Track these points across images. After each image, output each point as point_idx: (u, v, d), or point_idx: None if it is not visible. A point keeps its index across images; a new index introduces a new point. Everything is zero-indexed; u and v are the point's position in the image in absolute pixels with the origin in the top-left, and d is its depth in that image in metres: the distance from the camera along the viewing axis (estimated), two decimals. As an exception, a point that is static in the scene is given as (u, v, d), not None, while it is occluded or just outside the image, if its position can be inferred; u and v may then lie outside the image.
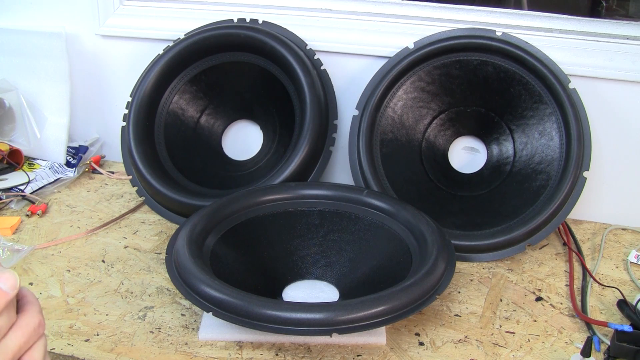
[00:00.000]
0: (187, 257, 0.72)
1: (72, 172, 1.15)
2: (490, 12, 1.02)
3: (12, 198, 1.04)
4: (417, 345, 0.72)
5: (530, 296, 0.83)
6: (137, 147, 1.00)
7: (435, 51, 0.98)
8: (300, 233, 0.88)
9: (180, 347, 0.71)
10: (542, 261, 0.92)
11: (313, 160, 0.99)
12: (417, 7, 1.05)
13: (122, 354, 0.69)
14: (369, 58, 1.05)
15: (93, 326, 0.74)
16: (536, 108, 0.97)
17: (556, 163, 0.94)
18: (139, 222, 1.00)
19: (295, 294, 0.82)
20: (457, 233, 0.91)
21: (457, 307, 0.80)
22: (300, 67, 0.98)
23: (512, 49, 0.95)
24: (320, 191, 0.89)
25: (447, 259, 0.76)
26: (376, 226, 0.85)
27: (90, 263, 0.88)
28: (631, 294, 0.83)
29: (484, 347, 0.72)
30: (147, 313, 0.77)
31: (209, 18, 1.08)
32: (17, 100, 1.16)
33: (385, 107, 1.01)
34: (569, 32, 0.99)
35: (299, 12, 1.08)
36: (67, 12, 1.16)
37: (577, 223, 1.04)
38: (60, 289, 0.81)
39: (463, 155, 1.06)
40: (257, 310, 0.65)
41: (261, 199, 0.87)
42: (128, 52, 1.16)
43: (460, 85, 1.01)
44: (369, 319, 0.66)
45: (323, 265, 0.86)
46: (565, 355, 0.71)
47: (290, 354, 0.70)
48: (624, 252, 0.95)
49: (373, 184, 0.95)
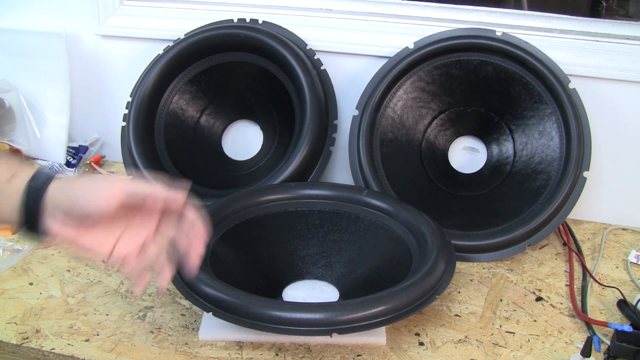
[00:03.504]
0: (187, 257, 0.72)
1: (72, 172, 1.15)
2: (490, 12, 1.02)
3: (12, 198, 1.04)
4: (417, 345, 0.72)
5: (530, 296, 0.83)
6: (137, 147, 1.00)
7: (435, 51, 0.98)
8: (300, 233, 0.88)
9: (180, 347, 0.71)
10: (542, 261, 0.92)
11: (313, 160, 0.99)
12: (417, 7, 1.05)
13: (122, 354, 0.69)
14: (369, 58, 1.05)
15: (93, 326, 0.74)
16: (536, 108, 0.97)
17: (556, 163, 0.94)
18: (139, 222, 1.00)
19: (295, 294, 0.82)
20: (457, 233, 0.91)
21: (457, 307, 0.80)
22: (300, 67, 0.98)
23: (512, 49, 0.95)
24: (320, 191, 0.89)
25: (447, 259, 0.76)
26: (376, 226, 0.85)
27: (90, 263, 0.88)
28: (631, 294, 0.83)
29: (484, 347, 0.72)
30: (147, 313, 0.77)
31: (209, 18, 1.08)
32: (17, 100, 1.16)
33: (385, 107, 1.01)
34: (569, 32, 0.99)
35: (299, 12, 1.08)
36: (67, 12, 1.16)
37: (577, 223, 1.04)
38: (60, 289, 0.81)
39: (463, 155, 1.06)
40: (257, 310, 0.65)
41: (261, 199, 0.87)
42: (128, 52, 1.16)
43: (460, 85, 1.01)
44: (369, 319, 0.66)
45: (323, 265, 0.86)
46: (565, 355, 0.71)
47: (290, 354, 0.70)
48: (624, 252, 0.95)
49: (373, 184, 0.95)
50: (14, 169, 0.60)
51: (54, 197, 0.59)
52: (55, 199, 0.58)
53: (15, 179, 0.59)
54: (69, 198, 0.58)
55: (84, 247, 0.60)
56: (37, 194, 0.58)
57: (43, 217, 0.58)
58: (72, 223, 0.59)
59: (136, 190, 0.60)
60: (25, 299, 0.79)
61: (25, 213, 0.58)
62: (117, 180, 0.61)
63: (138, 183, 0.61)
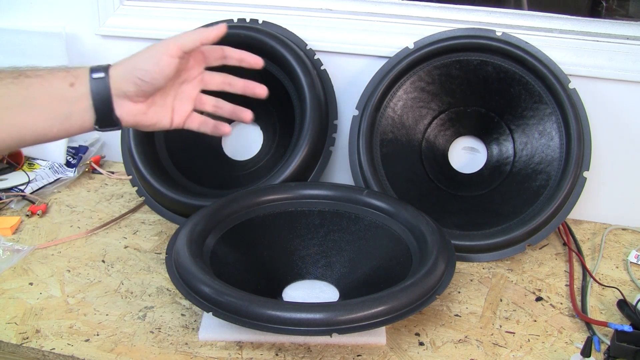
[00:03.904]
0: (187, 257, 0.72)
1: (72, 172, 1.15)
2: (490, 12, 1.02)
3: (12, 198, 1.04)
4: (417, 345, 0.72)
5: (530, 296, 0.83)
6: (137, 147, 1.00)
7: (435, 51, 0.98)
8: (300, 233, 0.88)
9: (180, 347, 0.71)
10: (542, 261, 0.92)
11: (313, 160, 0.99)
12: (417, 7, 1.05)
13: (122, 354, 0.69)
14: (369, 58, 1.05)
15: (93, 326, 0.74)
16: (536, 108, 0.97)
17: (556, 163, 0.94)
18: (139, 222, 1.00)
19: (295, 294, 0.82)
20: (457, 233, 0.91)
21: (457, 307, 0.80)
22: (300, 67, 0.98)
23: (512, 49, 0.95)
24: (320, 191, 0.89)
25: (447, 259, 0.76)
26: (376, 226, 0.85)
27: (90, 263, 0.88)
28: (631, 294, 0.83)
29: (484, 347, 0.72)
30: (147, 313, 0.77)
31: (209, 18, 1.08)
32: (17, 100, 1.16)
33: (385, 107, 1.01)
34: (569, 32, 0.99)
35: (299, 12, 1.08)
36: (67, 12, 1.16)
37: (577, 223, 1.04)
38: (60, 289, 0.81)
39: (463, 155, 1.06)
40: (257, 310, 0.65)
41: (261, 199, 0.88)
42: (128, 52, 1.14)
43: (460, 85, 1.01)
44: (369, 319, 0.66)
45: (323, 265, 0.86)
46: (565, 355, 0.71)
47: (290, 354, 0.70)
48: (624, 252, 0.95)
49: (373, 184, 0.95)
50: (70, 76, 0.63)
51: (116, 83, 0.64)
52: (117, 85, 0.64)
53: (76, 83, 0.63)
54: (131, 76, 0.64)
55: (148, 124, 0.68)
56: (103, 86, 0.64)
57: (113, 106, 0.65)
58: (137, 102, 0.66)
59: (187, 43, 0.66)
60: (25, 299, 0.79)
61: (97, 109, 0.64)
62: (166, 43, 0.66)
63: (183, 37, 0.66)
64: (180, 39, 0.66)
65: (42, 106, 0.62)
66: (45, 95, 0.62)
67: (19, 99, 0.61)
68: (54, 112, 0.63)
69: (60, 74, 0.63)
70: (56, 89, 0.63)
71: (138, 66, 0.65)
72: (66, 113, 0.63)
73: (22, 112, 0.62)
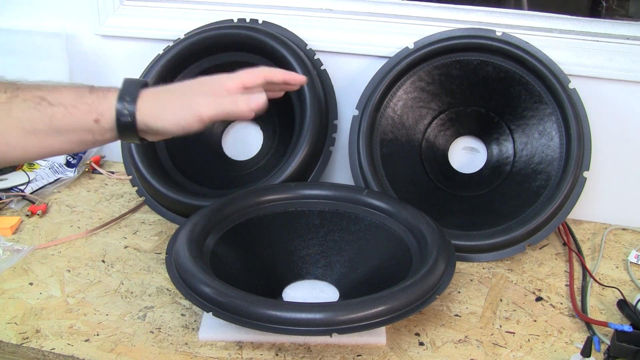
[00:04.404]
0: (187, 257, 0.72)
1: (72, 172, 1.15)
2: (490, 12, 1.02)
3: (12, 198, 1.04)
4: (417, 345, 0.72)
5: (530, 296, 0.83)
6: (137, 147, 1.00)
7: (435, 51, 0.98)
8: (300, 233, 0.88)
9: (180, 347, 0.71)
10: (542, 261, 0.92)
11: (313, 160, 0.99)
12: (417, 7, 1.05)
13: (122, 354, 0.69)
14: (369, 58, 1.05)
15: (93, 326, 0.74)
16: (536, 108, 0.97)
17: (556, 163, 0.94)
18: (139, 222, 1.00)
19: (295, 294, 0.82)
20: (457, 233, 0.91)
21: (457, 307, 0.80)
22: (300, 67, 0.98)
23: (512, 49, 0.95)
24: (320, 191, 0.89)
25: (447, 259, 0.76)
26: (376, 226, 0.85)
27: (90, 263, 0.88)
28: (631, 294, 0.83)
29: (484, 347, 0.72)
30: (147, 313, 0.77)
31: (209, 18, 1.08)
32: (17, 100, 1.16)
33: (385, 107, 1.01)
34: (569, 32, 0.99)
35: (299, 12, 1.08)
36: (67, 12, 1.16)
37: (577, 223, 1.04)
38: (60, 289, 0.81)
39: (463, 155, 1.06)
40: (257, 310, 0.65)
41: (261, 199, 0.88)
42: (128, 52, 1.16)
43: (460, 85, 1.01)
44: (369, 319, 0.66)
45: (323, 265, 0.86)
46: (565, 355, 0.71)
47: (290, 354, 0.70)
48: (624, 252, 0.95)
49: (373, 184, 0.95)
50: (93, 112, 0.64)
51: (142, 127, 0.65)
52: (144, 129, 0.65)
53: (101, 120, 0.64)
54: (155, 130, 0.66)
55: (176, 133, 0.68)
56: (130, 128, 0.65)
57: (142, 138, 0.67)
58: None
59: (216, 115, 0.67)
60: (25, 299, 0.79)
61: (124, 139, 0.67)
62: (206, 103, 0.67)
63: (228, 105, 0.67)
64: (225, 107, 0.67)
65: (67, 134, 0.64)
66: (69, 127, 0.64)
67: (43, 126, 0.63)
68: (79, 138, 0.65)
69: (83, 108, 0.64)
70: (81, 123, 0.64)
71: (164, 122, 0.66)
72: (92, 140, 0.66)
73: (48, 138, 0.64)
